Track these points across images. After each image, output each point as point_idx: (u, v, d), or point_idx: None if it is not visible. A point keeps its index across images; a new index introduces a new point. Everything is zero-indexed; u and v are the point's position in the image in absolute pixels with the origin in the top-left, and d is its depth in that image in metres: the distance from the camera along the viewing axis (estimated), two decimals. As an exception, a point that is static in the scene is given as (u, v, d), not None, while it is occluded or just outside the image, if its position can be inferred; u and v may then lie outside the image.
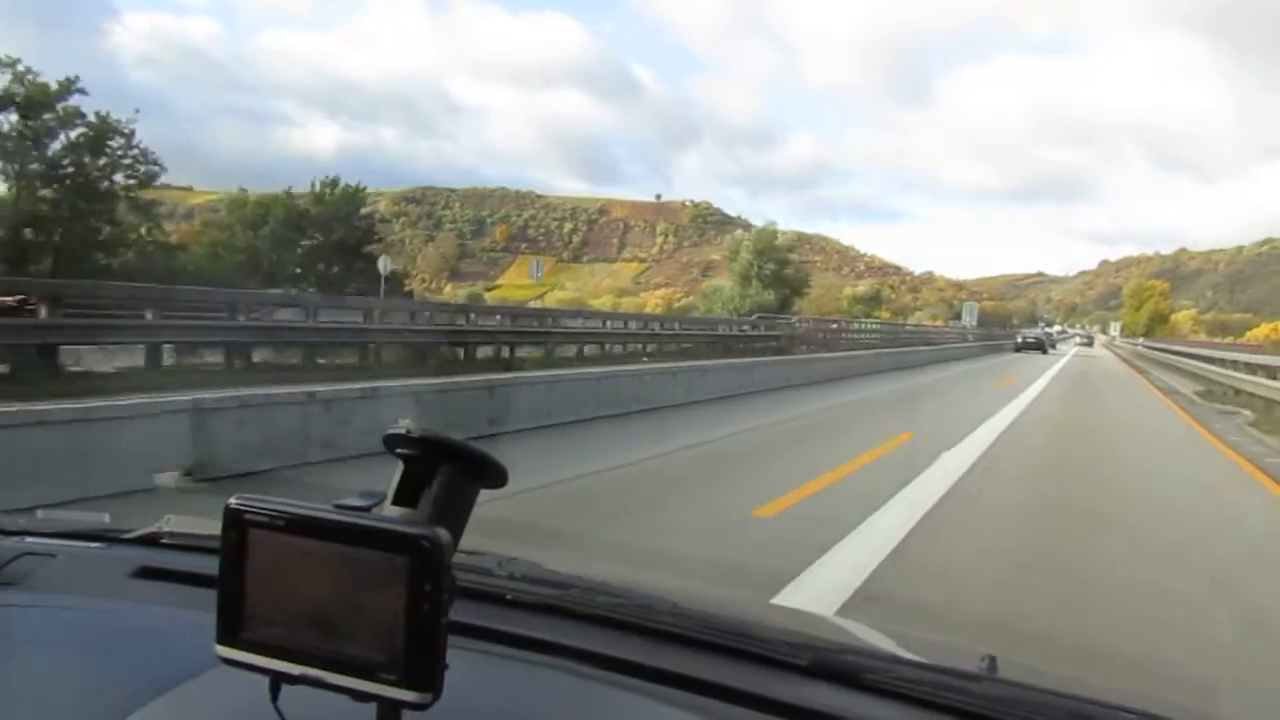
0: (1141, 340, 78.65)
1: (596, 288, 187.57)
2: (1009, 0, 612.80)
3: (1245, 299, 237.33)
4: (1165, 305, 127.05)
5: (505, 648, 1.05)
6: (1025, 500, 7.80)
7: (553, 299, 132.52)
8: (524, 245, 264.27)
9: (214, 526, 0.71)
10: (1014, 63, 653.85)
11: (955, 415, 13.88)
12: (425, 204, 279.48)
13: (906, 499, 6.90)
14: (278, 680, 0.68)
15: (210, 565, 0.73)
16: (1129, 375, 32.68)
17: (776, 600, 3.89)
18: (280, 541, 0.67)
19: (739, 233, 63.36)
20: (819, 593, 4.41)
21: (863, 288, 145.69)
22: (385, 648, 0.65)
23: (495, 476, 0.81)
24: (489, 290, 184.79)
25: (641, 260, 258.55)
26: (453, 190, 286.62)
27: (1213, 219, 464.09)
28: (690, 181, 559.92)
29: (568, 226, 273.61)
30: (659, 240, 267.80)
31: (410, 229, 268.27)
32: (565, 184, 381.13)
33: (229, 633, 0.68)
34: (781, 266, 64.68)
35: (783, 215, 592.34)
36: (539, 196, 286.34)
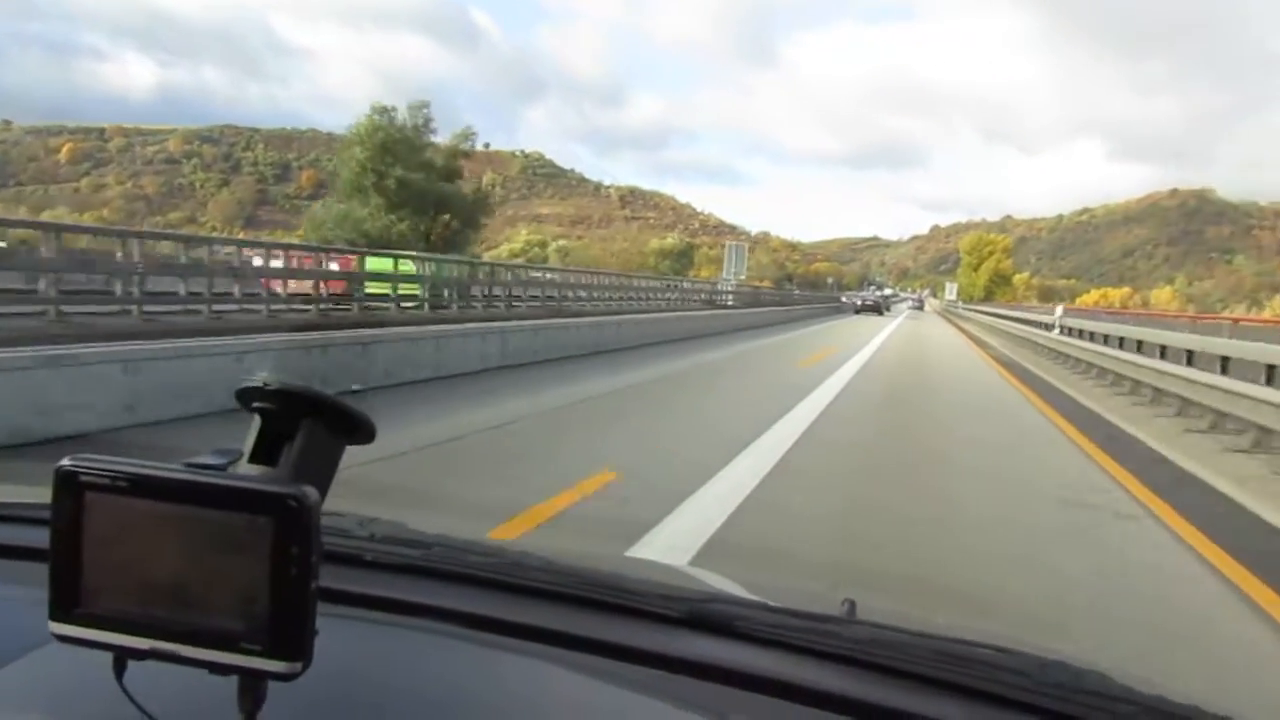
0: (982, 307, 59.99)
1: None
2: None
3: (1067, 266, 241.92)
4: (1007, 264, 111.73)
5: (368, 611, 1.00)
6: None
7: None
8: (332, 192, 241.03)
9: (45, 495, 0.64)
10: (856, 30, 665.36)
11: (702, 434, 8.22)
12: (223, 145, 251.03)
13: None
14: (123, 656, 0.63)
15: (43, 537, 0.66)
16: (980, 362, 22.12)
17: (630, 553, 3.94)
18: (123, 505, 0.61)
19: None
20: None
21: (670, 240, 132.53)
22: (248, 616, 0.60)
23: (362, 432, 0.75)
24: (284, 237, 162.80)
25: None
26: (256, 130, 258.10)
27: (1036, 189, 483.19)
28: (536, 137, 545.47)
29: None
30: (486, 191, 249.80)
31: (203, 172, 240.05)
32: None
33: (64, 607, 0.62)
34: (432, 177, 41.78)
35: (631, 175, 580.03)
36: (330, 135, 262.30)
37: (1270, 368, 8.69)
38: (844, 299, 74.98)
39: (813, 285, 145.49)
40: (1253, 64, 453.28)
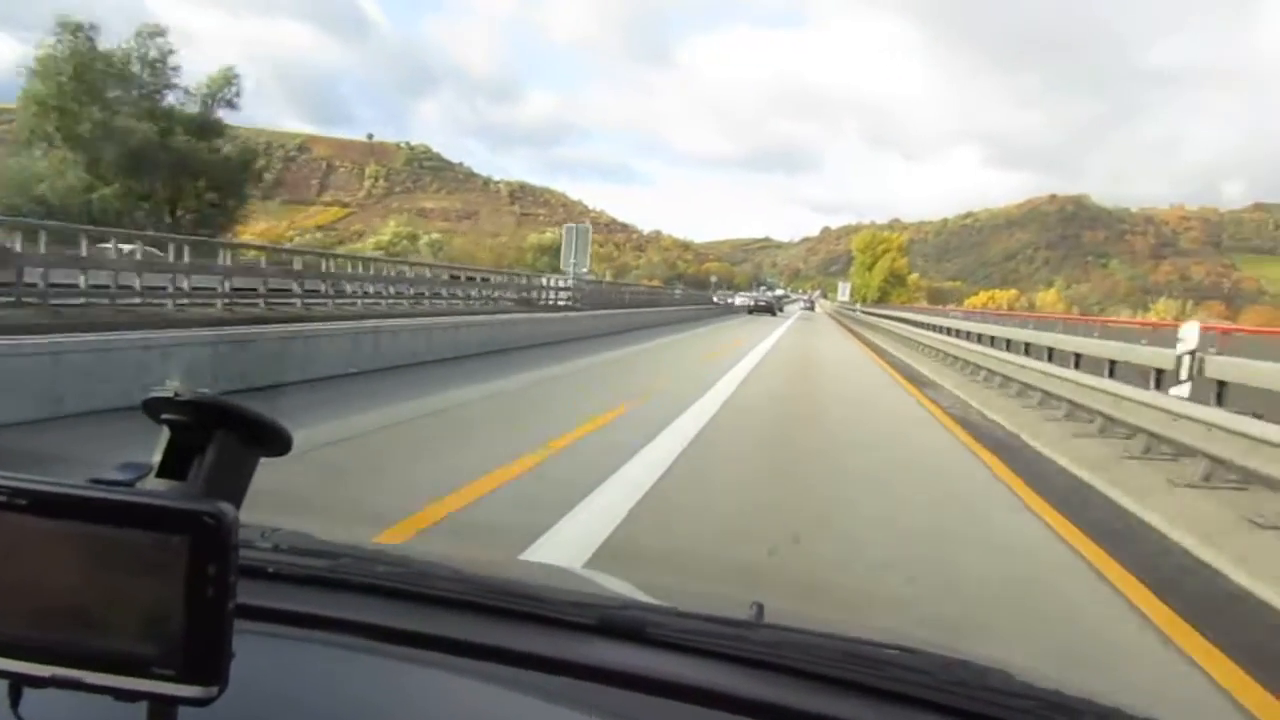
0: (883, 309, 48.36)
1: (282, 233, 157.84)
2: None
3: (952, 268, 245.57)
4: (902, 263, 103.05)
5: (272, 625, 0.96)
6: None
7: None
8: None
9: None
10: (749, 33, 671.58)
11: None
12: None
13: None
14: (19, 684, 0.59)
15: None
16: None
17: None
18: (19, 524, 0.58)
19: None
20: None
21: (550, 235, 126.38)
22: (159, 639, 0.57)
23: (277, 442, 0.72)
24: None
25: (345, 204, 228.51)
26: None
27: (922, 193, 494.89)
28: (428, 131, 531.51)
29: (259, 163, 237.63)
30: (367, 184, 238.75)
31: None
32: (291, 125, 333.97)
33: None
34: (168, 130, 32.13)
35: (525, 171, 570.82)
36: (226, 126, 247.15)
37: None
38: (720, 299, 66.75)
39: (702, 285, 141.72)
40: (1120, 78, 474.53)
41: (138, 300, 12.33)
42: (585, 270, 34.53)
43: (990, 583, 4.42)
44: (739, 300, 68.59)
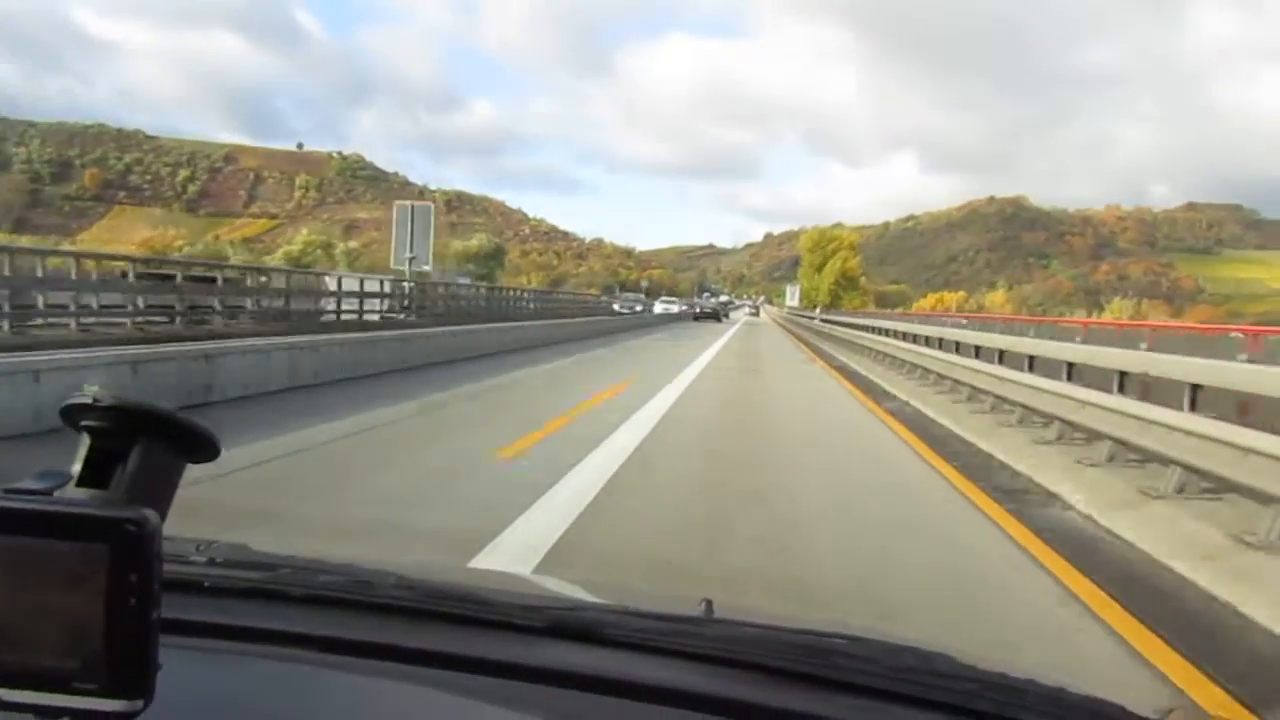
0: (823, 314, 42.85)
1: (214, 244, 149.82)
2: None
3: (894, 271, 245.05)
4: (855, 263, 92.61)
5: (210, 640, 0.94)
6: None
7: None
8: (123, 194, 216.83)
9: None
10: (687, 42, 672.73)
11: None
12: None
13: None
14: None
15: None
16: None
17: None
18: None
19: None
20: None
21: (476, 242, 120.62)
22: (81, 652, 0.55)
23: (204, 449, 0.71)
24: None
25: (273, 216, 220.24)
26: (32, 124, 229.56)
27: (862, 198, 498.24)
28: (368, 142, 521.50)
29: (183, 174, 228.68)
30: (297, 195, 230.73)
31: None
32: (224, 138, 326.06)
33: None
34: None
35: (467, 182, 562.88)
36: (149, 137, 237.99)
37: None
38: (625, 306, 54.31)
39: (647, 294, 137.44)
40: (1053, 80, 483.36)
41: None
42: (427, 266, 26.09)
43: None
44: (660, 308, 58.99)
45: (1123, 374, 7.05)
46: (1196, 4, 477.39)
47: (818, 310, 40.24)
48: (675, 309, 61.69)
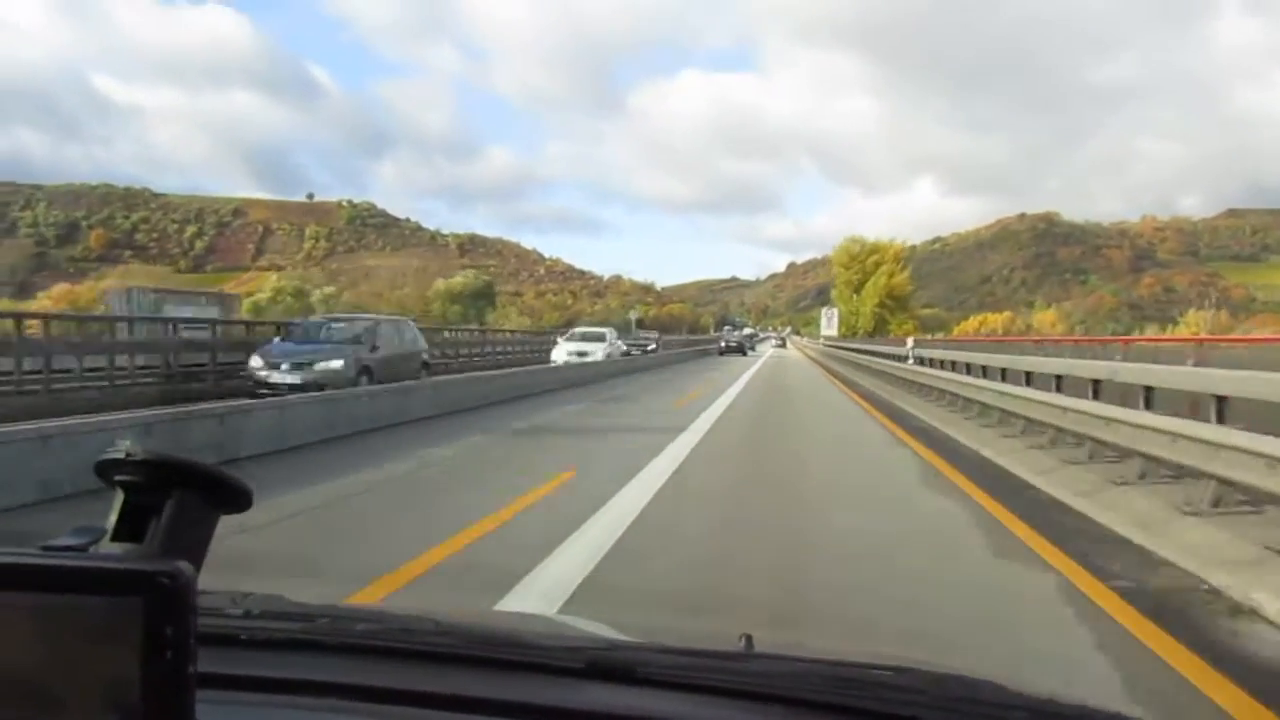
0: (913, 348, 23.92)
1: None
2: (688, 13, 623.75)
3: (925, 296, 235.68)
4: (903, 279, 78.48)
5: (248, 694, 0.93)
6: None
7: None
8: (129, 253, 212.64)
9: None
10: (700, 78, 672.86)
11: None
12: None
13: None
14: None
15: None
16: None
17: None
18: None
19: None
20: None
21: (460, 279, 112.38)
22: (118, 709, 0.53)
23: (236, 499, 0.71)
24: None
25: (281, 268, 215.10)
26: (39, 187, 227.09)
27: (885, 226, 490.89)
28: (387, 193, 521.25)
29: (190, 230, 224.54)
30: (307, 246, 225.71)
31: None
32: (244, 193, 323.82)
33: None
34: None
35: (489, 227, 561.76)
36: (156, 195, 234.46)
37: None
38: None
39: (667, 329, 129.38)
40: (1073, 96, 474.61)
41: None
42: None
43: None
44: (564, 354, 29.66)
45: None
46: (1216, 13, 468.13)
47: (909, 346, 23.44)
48: (620, 350, 33.62)
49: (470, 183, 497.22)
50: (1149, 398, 7.55)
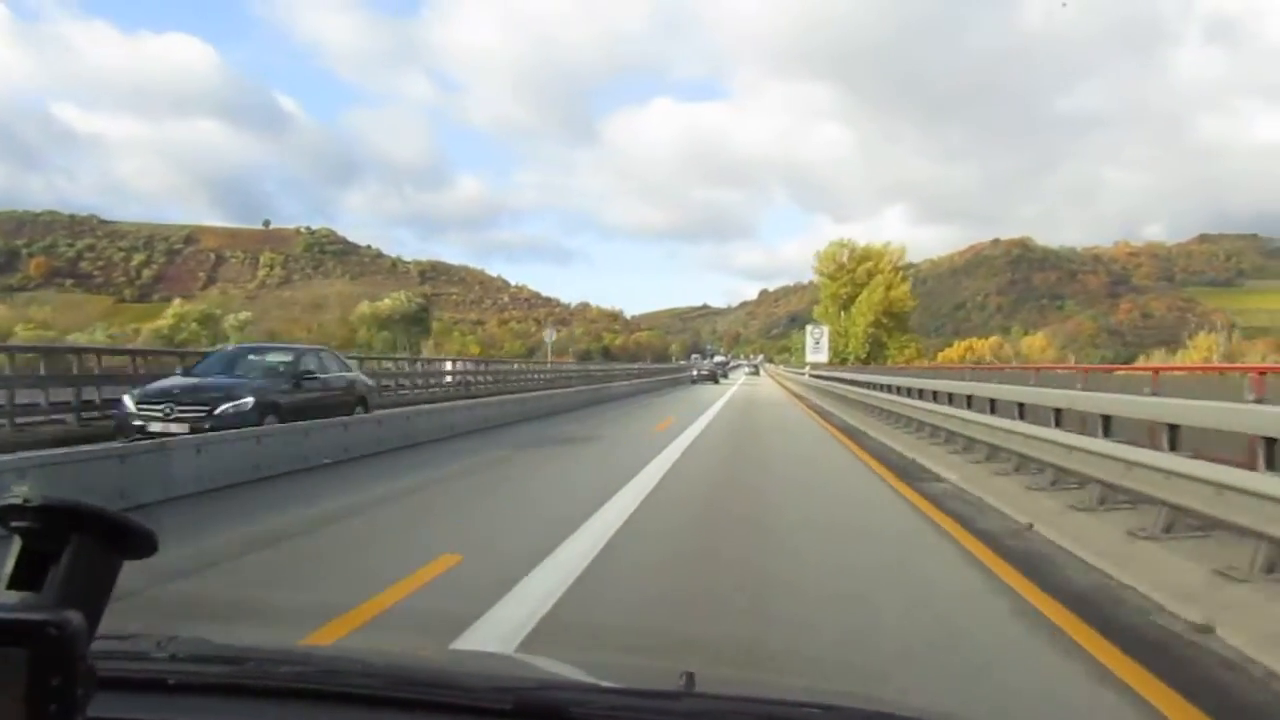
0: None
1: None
2: (660, 42, 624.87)
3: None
4: (902, 291, 65.60)
5: None
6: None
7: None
8: (71, 281, 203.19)
9: None
10: (672, 107, 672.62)
11: None
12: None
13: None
14: None
15: None
16: None
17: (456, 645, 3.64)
18: None
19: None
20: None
21: (389, 302, 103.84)
22: None
23: (140, 545, 0.67)
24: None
25: (234, 297, 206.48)
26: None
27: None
28: (356, 222, 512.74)
29: (138, 258, 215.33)
30: (261, 274, 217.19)
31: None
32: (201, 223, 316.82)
33: None
34: None
35: (461, 256, 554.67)
36: (103, 222, 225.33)
37: None
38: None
39: (633, 357, 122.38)
40: (1042, 125, 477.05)
41: None
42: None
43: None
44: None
45: None
46: (1179, 42, 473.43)
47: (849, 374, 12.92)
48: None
49: (441, 212, 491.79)
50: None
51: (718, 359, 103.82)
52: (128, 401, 12.42)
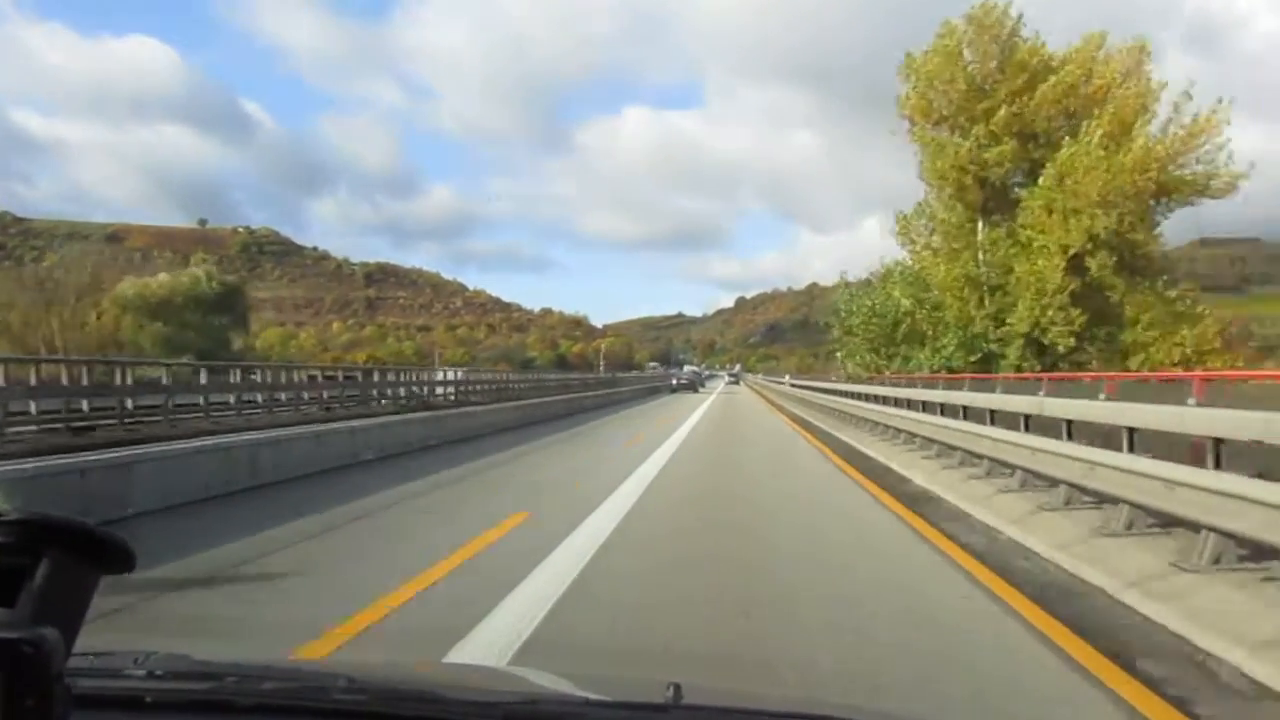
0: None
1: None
2: (633, 49, 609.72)
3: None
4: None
5: None
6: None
7: None
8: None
9: None
10: (648, 115, 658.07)
11: None
12: None
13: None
14: None
15: None
16: None
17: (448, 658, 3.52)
18: None
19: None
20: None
21: (157, 283, 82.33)
22: None
23: (118, 559, 0.66)
24: None
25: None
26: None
27: (836, 260, 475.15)
28: (328, 230, 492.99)
29: (51, 258, 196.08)
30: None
31: None
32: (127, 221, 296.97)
33: None
34: None
35: (432, 265, 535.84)
36: (16, 219, 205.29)
37: None
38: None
39: (591, 368, 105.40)
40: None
41: None
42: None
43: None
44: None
45: None
46: (1156, 56, 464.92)
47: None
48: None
49: (413, 220, 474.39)
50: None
51: (688, 369, 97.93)
52: None
